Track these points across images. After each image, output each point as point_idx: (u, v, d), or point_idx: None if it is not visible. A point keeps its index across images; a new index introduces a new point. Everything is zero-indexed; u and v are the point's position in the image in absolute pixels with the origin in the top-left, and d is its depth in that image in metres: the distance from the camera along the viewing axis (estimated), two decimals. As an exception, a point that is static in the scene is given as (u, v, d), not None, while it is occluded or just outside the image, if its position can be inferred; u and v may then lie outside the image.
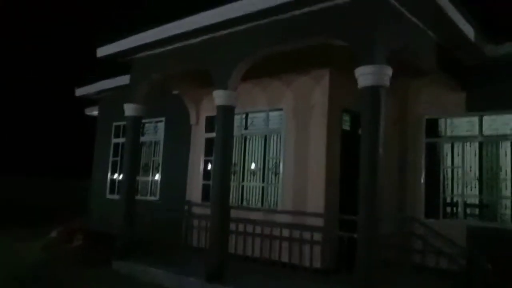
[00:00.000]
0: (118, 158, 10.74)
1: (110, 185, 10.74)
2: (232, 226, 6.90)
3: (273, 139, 7.77)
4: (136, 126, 7.79)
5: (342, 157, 7.18)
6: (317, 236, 6.45)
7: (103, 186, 10.81)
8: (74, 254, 9.01)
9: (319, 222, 6.61)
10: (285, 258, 6.65)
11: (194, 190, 8.83)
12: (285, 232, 6.70)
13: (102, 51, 7.90)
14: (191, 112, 9.04)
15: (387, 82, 4.78)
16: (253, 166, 8.03)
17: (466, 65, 7.09)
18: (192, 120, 9.04)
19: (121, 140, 10.78)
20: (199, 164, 8.86)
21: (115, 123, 10.94)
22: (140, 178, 10.31)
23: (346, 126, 7.44)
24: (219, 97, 6.20)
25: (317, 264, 6.51)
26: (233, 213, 6.80)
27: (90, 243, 9.72)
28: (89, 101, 13.57)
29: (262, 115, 7.91)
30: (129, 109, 7.70)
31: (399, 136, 7.91)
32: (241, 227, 7.17)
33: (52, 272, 7.43)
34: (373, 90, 4.74)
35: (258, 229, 6.91)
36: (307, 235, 6.48)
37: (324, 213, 6.70)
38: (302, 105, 7.29)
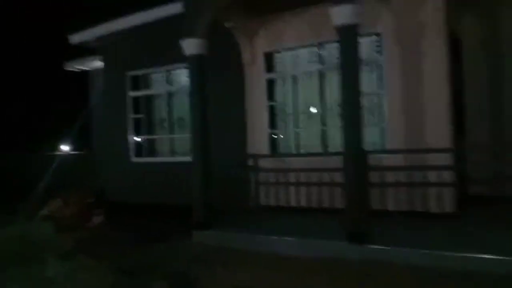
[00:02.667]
0: (142, 115, 9.05)
1: (136, 147, 9.08)
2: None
3: (365, 72, 6.60)
4: (200, 67, 6.29)
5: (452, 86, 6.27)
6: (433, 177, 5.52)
7: (125, 148, 9.12)
8: (110, 234, 7.39)
9: (441, 161, 5.72)
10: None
11: (258, 141, 7.55)
12: (411, 176, 5.72)
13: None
14: (244, 49, 7.53)
15: None
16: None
17: None
18: (246, 59, 7.57)
19: (141, 93, 9.05)
20: (261, 111, 7.52)
21: (130, 73, 9.12)
22: (175, 136, 8.82)
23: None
24: (341, 14, 4.91)
25: (451, 208, 5.70)
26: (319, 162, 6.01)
27: (118, 219, 8.13)
28: (71, 54, 11.43)
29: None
30: (190, 46, 6.16)
31: (488, 57, 7.18)
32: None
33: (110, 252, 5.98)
34: None
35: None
36: (434, 176, 5.55)
37: (453, 149, 5.83)
38: (407, 27, 6.14)
